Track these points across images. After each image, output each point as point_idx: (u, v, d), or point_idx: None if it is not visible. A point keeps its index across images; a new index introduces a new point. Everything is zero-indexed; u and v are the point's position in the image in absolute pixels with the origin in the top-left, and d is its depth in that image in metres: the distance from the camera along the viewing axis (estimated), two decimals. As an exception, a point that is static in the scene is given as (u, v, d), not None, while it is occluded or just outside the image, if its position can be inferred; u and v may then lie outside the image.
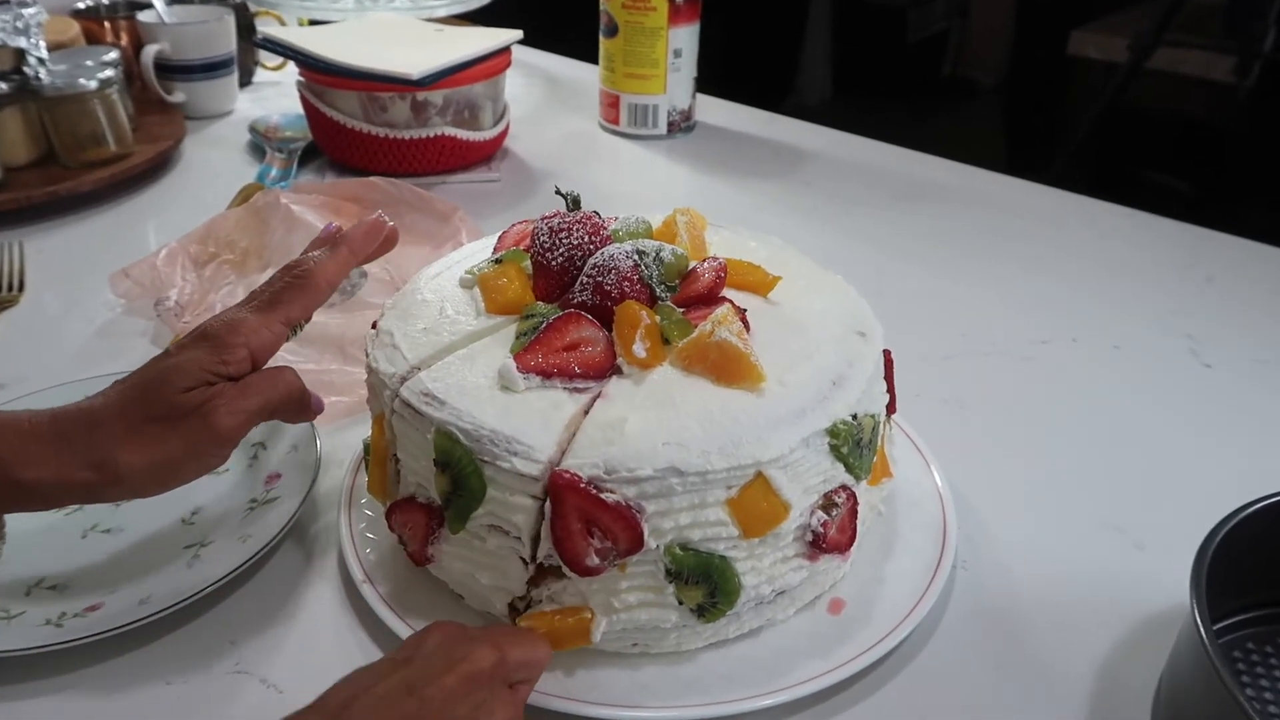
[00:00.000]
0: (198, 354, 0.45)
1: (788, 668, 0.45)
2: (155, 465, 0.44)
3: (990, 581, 0.52)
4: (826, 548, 0.45)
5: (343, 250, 0.51)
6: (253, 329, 0.46)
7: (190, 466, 0.46)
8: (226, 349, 0.46)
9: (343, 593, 0.51)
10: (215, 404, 0.45)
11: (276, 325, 0.47)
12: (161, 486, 0.46)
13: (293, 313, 0.48)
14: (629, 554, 0.42)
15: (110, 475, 0.43)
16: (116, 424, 0.44)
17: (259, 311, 0.47)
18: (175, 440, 0.44)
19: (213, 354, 0.45)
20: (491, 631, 0.42)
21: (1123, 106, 1.81)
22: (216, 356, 0.45)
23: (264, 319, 0.47)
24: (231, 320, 0.47)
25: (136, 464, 0.44)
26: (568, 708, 0.43)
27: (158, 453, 0.44)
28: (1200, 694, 0.40)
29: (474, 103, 0.99)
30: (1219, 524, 0.44)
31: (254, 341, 0.46)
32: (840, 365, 0.47)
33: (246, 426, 0.46)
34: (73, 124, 0.94)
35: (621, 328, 0.45)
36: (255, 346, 0.46)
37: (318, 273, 0.49)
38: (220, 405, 0.45)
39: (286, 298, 0.48)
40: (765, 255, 0.54)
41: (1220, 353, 0.73)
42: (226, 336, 0.46)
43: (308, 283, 0.49)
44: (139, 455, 0.44)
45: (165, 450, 0.44)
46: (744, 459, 0.42)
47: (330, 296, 0.51)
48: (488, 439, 0.42)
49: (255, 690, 0.45)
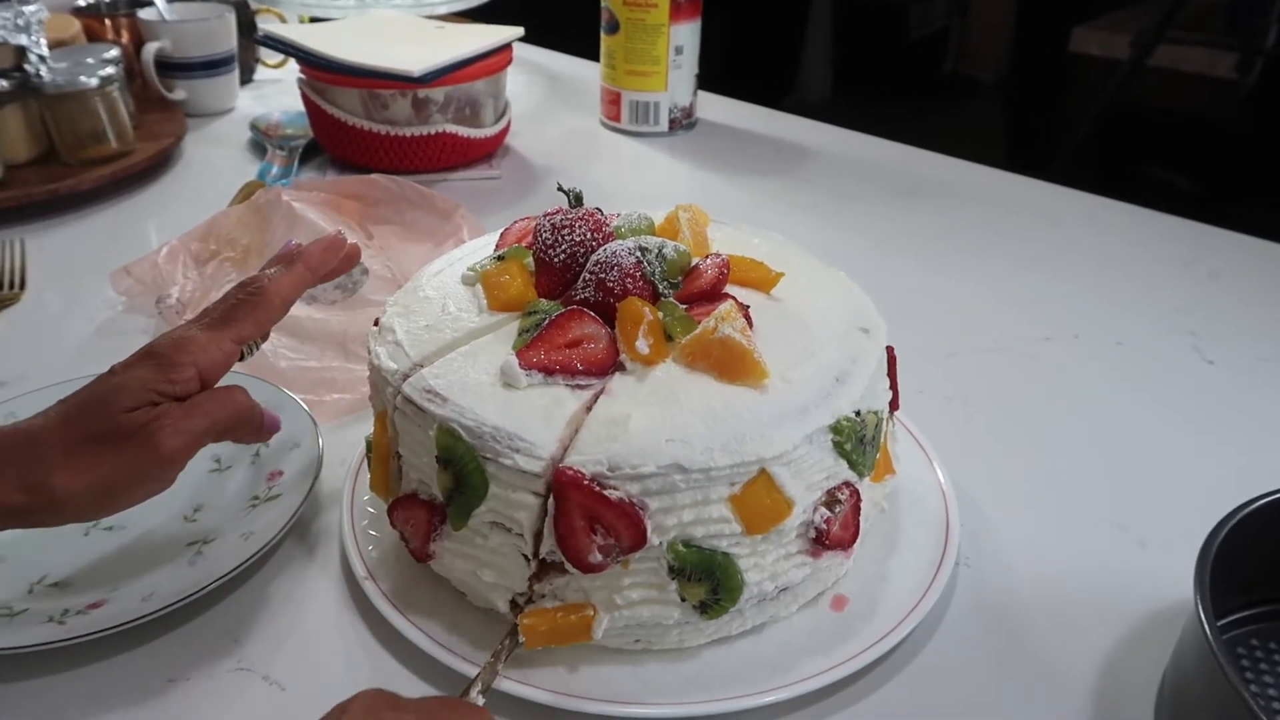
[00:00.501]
0: (142, 373, 0.44)
1: (790, 664, 0.45)
2: (94, 488, 0.42)
3: (993, 578, 0.52)
4: (829, 544, 0.45)
5: (299, 267, 0.50)
6: (201, 347, 0.45)
7: (132, 490, 0.44)
8: (173, 368, 0.44)
9: (345, 590, 0.51)
10: (159, 424, 0.43)
11: (227, 343, 0.46)
12: (101, 511, 0.44)
13: (245, 331, 0.47)
14: (632, 551, 0.42)
15: (45, 499, 0.41)
16: (54, 445, 0.42)
17: (209, 329, 0.46)
18: (116, 462, 0.42)
19: (158, 373, 0.44)
20: (425, 704, 0.39)
21: (1124, 103, 1.81)
22: (162, 375, 0.44)
23: (214, 337, 0.46)
24: (179, 338, 0.45)
25: (74, 487, 0.42)
26: (570, 704, 0.43)
27: (97, 475, 0.42)
28: (1204, 690, 0.40)
29: (475, 100, 0.99)
30: (1222, 520, 0.44)
31: (203, 360, 0.45)
32: (844, 362, 0.47)
33: (193, 448, 0.44)
34: (74, 121, 0.94)
35: (624, 324, 0.45)
36: (204, 365, 0.45)
37: (272, 289, 0.48)
38: (165, 426, 0.43)
39: (239, 315, 0.47)
40: (768, 252, 0.54)
41: (1223, 349, 0.73)
42: (173, 355, 0.44)
43: (261, 300, 0.47)
44: (77, 478, 0.42)
45: (105, 472, 0.42)
46: (747, 456, 0.42)
47: (284, 314, 0.49)
48: (490, 436, 0.42)
49: (258, 687, 0.45)
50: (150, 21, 1.10)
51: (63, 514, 0.43)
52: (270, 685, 0.46)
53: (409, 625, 0.46)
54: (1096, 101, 1.85)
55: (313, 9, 1.25)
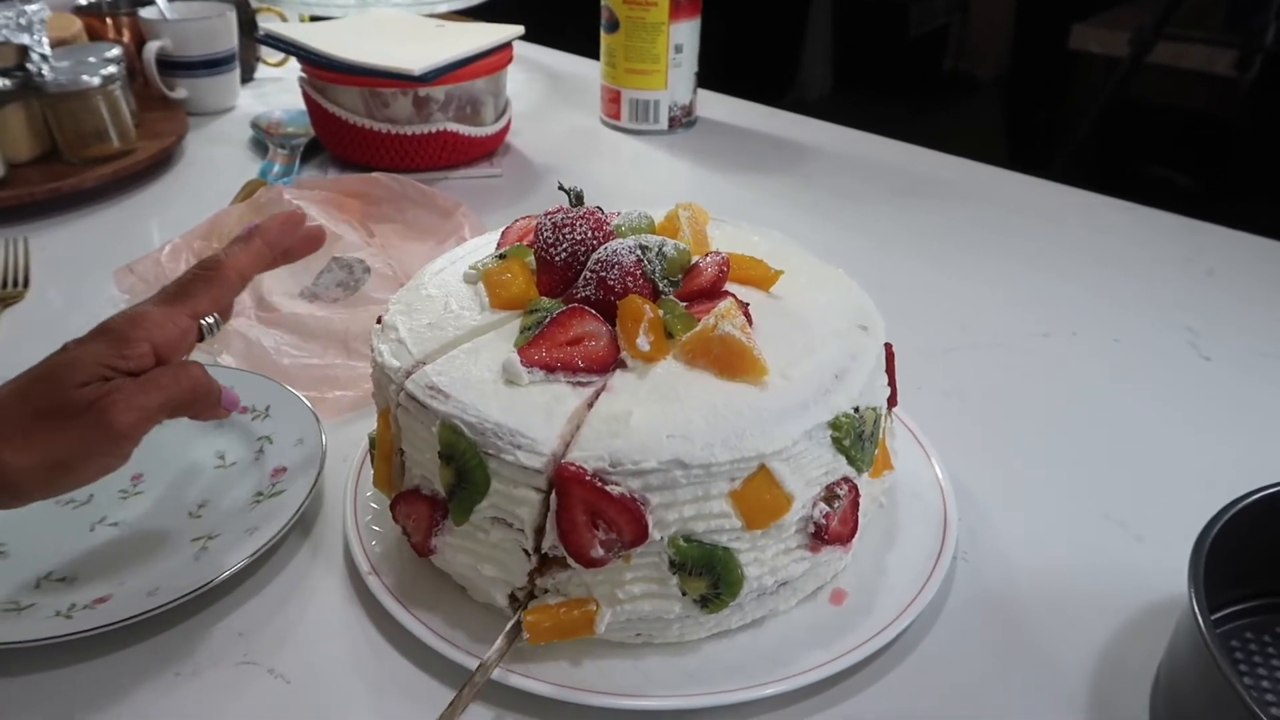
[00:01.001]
0: (96, 348, 0.43)
1: (790, 658, 0.46)
2: (44, 465, 0.41)
3: (991, 572, 0.53)
4: (828, 539, 0.46)
5: (256, 242, 0.49)
6: (156, 322, 0.45)
7: (84, 467, 0.43)
8: (126, 343, 0.43)
9: (349, 584, 0.51)
10: (111, 399, 0.42)
11: (183, 318, 0.46)
12: (52, 488, 0.43)
13: (200, 305, 0.46)
14: (633, 545, 0.42)
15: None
16: (4, 421, 0.41)
17: (164, 304, 0.46)
18: (67, 438, 0.42)
19: (112, 348, 0.43)
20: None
21: (1124, 101, 1.81)
22: (115, 350, 0.43)
23: (169, 312, 0.45)
24: (134, 314, 0.45)
25: (22, 464, 0.41)
26: (573, 697, 0.44)
27: (47, 452, 0.41)
28: (1198, 680, 0.40)
29: (476, 98, 0.99)
30: (1218, 514, 0.44)
31: (157, 335, 0.44)
32: (842, 359, 0.47)
33: (146, 424, 0.43)
34: (76, 120, 0.94)
35: (625, 322, 0.46)
36: (159, 340, 0.44)
37: (228, 264, 0.48)
38: (117, 401, 0.42)
39: (195, 290, 0.46)
40: (767, 250, 0.54)
41: (1220, 346, 0.73)
42: (127, 330, 0.44)
43: (217, 275, 0.47)
44: (26, 455, 0.41)
45: (56, 449, 0.41)
46: (747, 451, 0.42)
47: (243, 289, 0.49)
48: (492, 432, 0.43)
49: (263, 680, 0.46)
50: (151, 20, 1.10)
51: (15, 491, 0.42)
52: (275, 678, 0.46)
53: (412, 619, 0.47)
54: (1096, 99, 1.86)
55: (313, 8, 1.25)
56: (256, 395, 0.62)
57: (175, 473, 0.58)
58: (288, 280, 0.76)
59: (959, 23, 2.52)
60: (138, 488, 0.57)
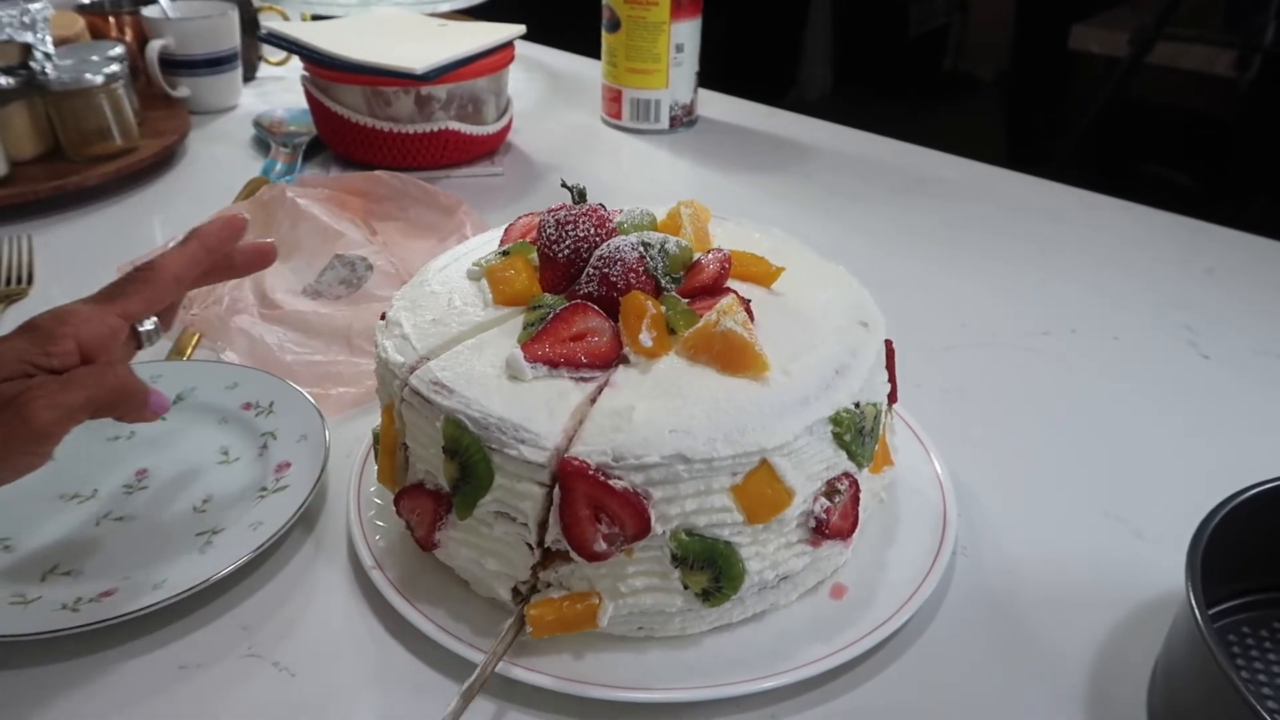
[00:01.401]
0: (18, 344, 0.42)
1: (790, 651, 0.46)
2: None
3: (990, 567, 0.53)
4: (829, 534, 0.46)
5: (192, 243, 0.48)
6: (84, 319, 0.43)
7: (3, 464, 0.42)
8: (50, 339, 0.42)
9: (352, 578, 0.52)
10: (31, 396, 0.41)
11: (112, 317, 0.44)
12: None
13: (132, 306, 0.45)
14: (636, 539, 0.43)
15: None
16: None
17: (94, 303, 0.45)
18: None
19: (35, 344, 0.42)
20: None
21: (1123, 101, 1.81)
22: (38, 347, 0.42)
23: (98, 310, 0.44)
24: (61, 311, 0.44)
25: None
26: (576, 690, 0.44)
27: None
28: (1194, 674, 0.41)
29: (477, 97, 1.00)
30: (1214, 509, 0.45)
31: (84, 332, 0.43)
32: (843, 355, 0.47)
33: (66, 423, 0.42)
34: (79, 119, 0.94)
35: (628, 318, 0.46)
36: (85, 338, 0.43)
37: (163, 265, 0.47)
38: (37, 398, 0.41)
39: (127, 290, 0.46)
40: (769, 247, 0.54)
41: (1219, 344, 0.74)
42: (52, 327, 0.43)
43: (151, 275, 0.46)
44: None
45: None
46: (749, 446, 0.42)
47: (180, 293, 0.48)
48: (495, 427, 0.43)
49: (268, 673, 0.46)
50: (154, 19, 1.11)
51: None
52: (280, 671, 0.46)
53: (415, 613, 0.47)
54: (1095, 99, 1.86)
55: (315, 6, 1.25)
56: (260, 392, 0.62)
57: (180, 468, 0.58)
58: (290, 278, 0.76)
59: (959, 22, 2.52)
60: (143, 483, 0.57)
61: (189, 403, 0.63)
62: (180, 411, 0.62)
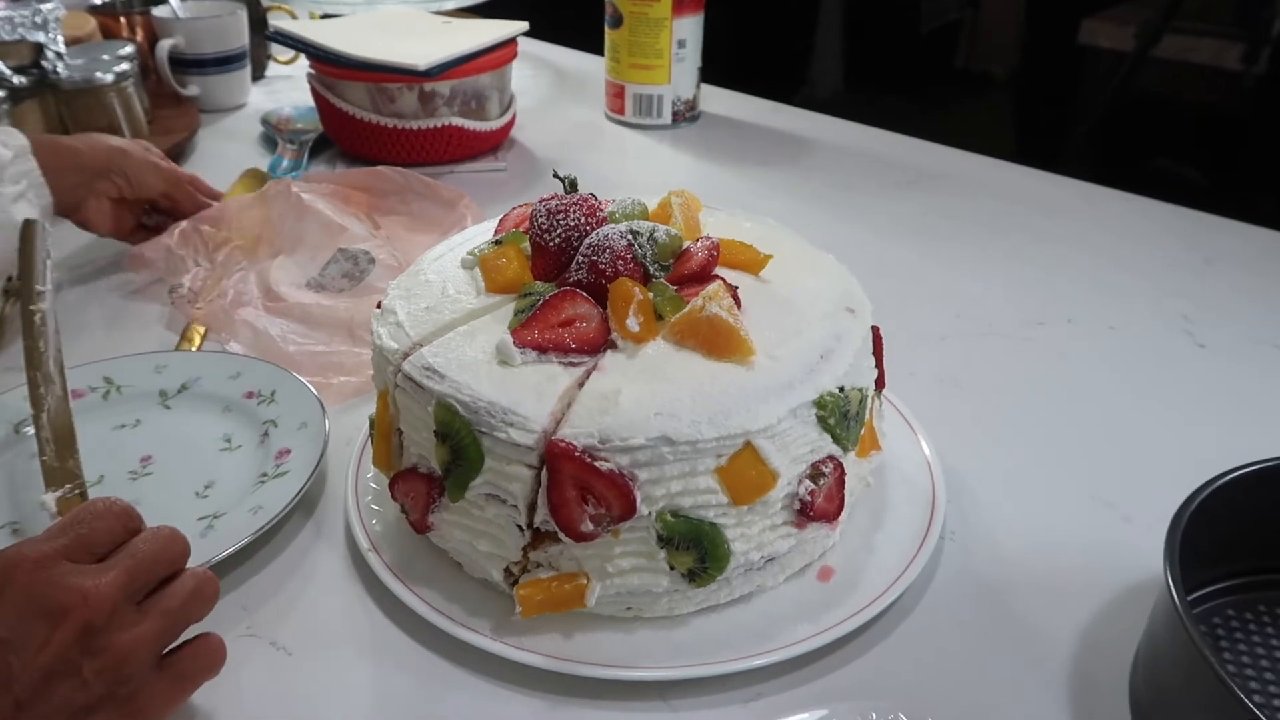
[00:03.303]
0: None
1: (776, 631, 0.47)
2: None
3: (979, 551, 0.54)
4: (814, 516, 0.47)
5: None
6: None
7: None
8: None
9: (349, 561, 0.53)
10: None
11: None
12: None
13: None
14: (622, 520, 0.43)
15: None
16: None
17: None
18: None
19: None
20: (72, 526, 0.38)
21: (1132, 94, 1.81)
22: None
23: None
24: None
25: None
26: (565, 668, 0.45)
27: None
28: (1175, 656, 0.41)
29: (481, 93, 1.01)
30: (1194, 492, 0.45)
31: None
32: (828, 340, 0.48)
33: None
34: (90, 117, 0.96)
35: (615, 303, 0.47)
36: None
37: None
38: None
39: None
40: (758, 235, 0.55)
41: (1215, 333, 0.74)
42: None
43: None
44: None
45: None
46: (733, 429, 0.43)
47: None
48: (485, 410, 0.44)
49: (266, 652, 0.47)
50: (164, 19, 1.12)
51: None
52: (278, 650, 0.48)
53: (410, 594, 0.48)
54: (1105, 92, 1.86)
55: (322, 5, 1.27)
56: (263, 381, 0.64)
57: (183, 455, 0.59)
58: (294, 271, 0.77)
59: (970, 19, 2.51)
60: (147, 468, 0.58)
61: (193, 392, 0.64)
62: (185, 400, 0.63)
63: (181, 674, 0.41)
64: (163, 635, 0.40)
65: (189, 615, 0.42)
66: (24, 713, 0.35)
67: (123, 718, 0.38)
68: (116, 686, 0.37)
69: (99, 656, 0.37)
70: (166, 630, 0.40)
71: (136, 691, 0.38)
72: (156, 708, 0.39)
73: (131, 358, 0.67)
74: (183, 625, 0.41)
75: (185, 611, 0.41)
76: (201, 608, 0.42)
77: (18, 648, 0.35)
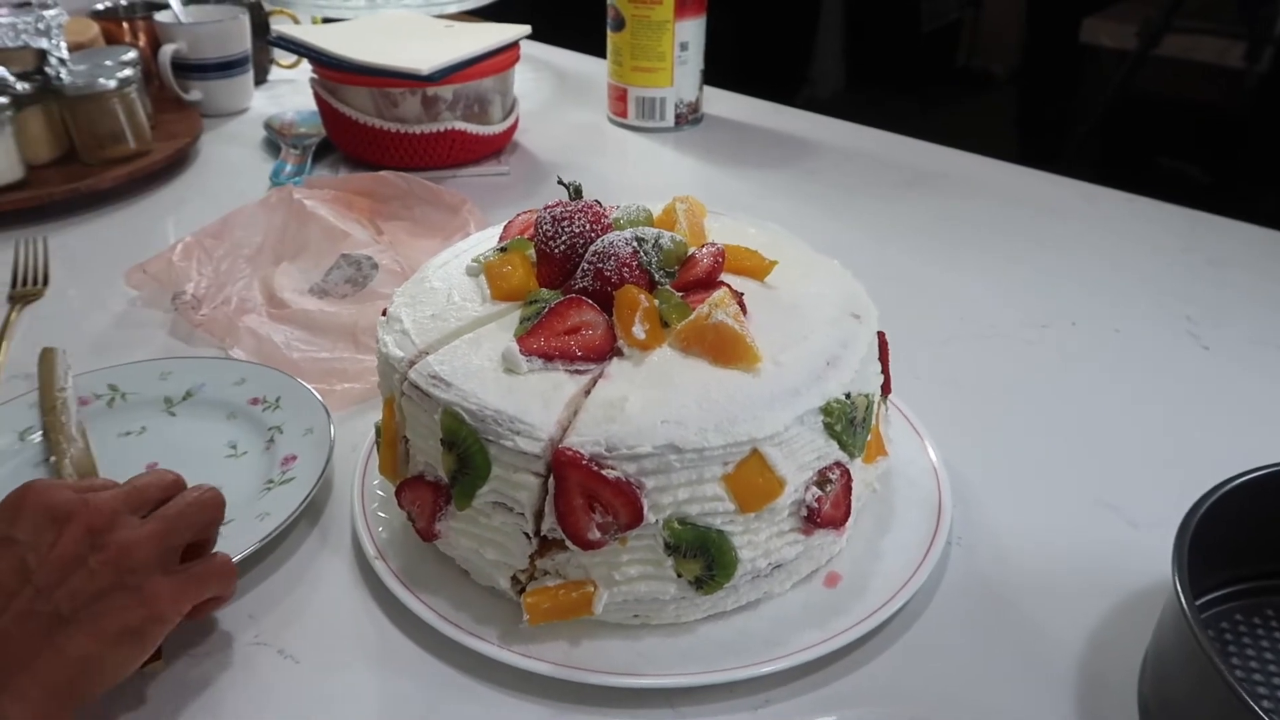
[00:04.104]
0: None
1: (784, 638, 0.47)
2: None
3: (986, 557, 0.53)
4: (821, 522, 0.47)
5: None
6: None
7: None
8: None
9: (356, 568, 0.53)
10: None
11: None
12: None
13: None
14: (629, 528, 0.43)
15: None
16: None
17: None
18: None
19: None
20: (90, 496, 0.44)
21: (1134, 94, 1.81)
22: None
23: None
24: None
25: None
26: (571, 676, 0.45)
27: None
28: (1182, 661, 0.41)
29: (483, 97, 1.01)
30: (1202, 497, 0.45)
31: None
32: (834, 346, 0.48)
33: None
34: (93, 122, 0.96)
35: (621, 311, 0.47)
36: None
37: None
38: None
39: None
40: (763, 241, 0.55)
41: (1219, 335, 0.74)
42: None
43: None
44: None
45: None
46: (740, 436, 0.43)
47: None
48: (492, 419, 0.44)
49: (273, 660, 0.47)
50: (166, 24, 1.12)
51: None
52: (284, 658, 0.48)
53: (416, 602, 0.48)
54: (1106, 92, 1.85)
55: (325, 10, 1.27)
56: (267, 387, 0.64)
57: (189, 461, 0.59)
58: (298, 277, 0.77)
59: (971, 18, 2.51)
60: (153, 477, 0.58)
61: (198, 399, 0.64)
62: (190, 407, 0.63)
63: (190, 576, 0.45)
64: (163, 535, 0.44)
65: (189, 518, 0.46)
66: (42, 596, 0.41)
67: (133, 604, 0.42)
68: (123, 576, 0.42)
69: (103, 551, 0.42)
70: (166, 531, 0.44)
71: (143, 583, 0.42)
72: (164, 600, 0.43)
73: (136, 365, 0.67)
74: (184, 526, 0.45)
75: (185, 515, 0.45)
76: (202, 514, 0.46)
77: (34, 547, 0.42)
